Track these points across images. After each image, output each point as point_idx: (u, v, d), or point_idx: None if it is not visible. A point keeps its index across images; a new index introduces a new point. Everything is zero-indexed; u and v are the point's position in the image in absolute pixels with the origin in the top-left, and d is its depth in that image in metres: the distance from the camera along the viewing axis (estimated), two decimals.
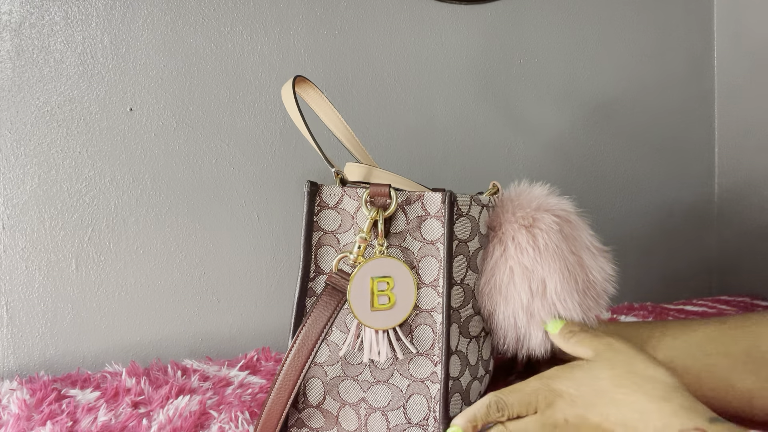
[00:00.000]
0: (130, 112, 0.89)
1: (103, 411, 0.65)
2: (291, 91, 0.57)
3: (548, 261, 0.55)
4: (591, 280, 0.58)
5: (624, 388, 0.47)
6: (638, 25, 1.28)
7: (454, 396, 0.53)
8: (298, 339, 0.50)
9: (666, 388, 0.46)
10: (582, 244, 0.59)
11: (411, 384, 0.52)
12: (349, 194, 0.54)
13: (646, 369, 0.48)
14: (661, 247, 1.33)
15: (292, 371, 0.50)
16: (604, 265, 0.60)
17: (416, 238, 0.53)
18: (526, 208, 0.58)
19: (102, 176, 0.88)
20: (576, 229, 0.60)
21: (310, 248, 0.55)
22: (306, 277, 0.55)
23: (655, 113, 1.31)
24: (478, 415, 0.49)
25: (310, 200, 0.54)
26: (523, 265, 0.55)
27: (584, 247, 0.59)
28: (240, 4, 0.95)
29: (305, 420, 0.54)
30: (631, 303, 1.16)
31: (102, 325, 0.88)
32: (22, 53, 0.83)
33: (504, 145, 1.15)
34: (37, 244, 0.84)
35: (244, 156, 0.95)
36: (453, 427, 0.48)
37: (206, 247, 0.93)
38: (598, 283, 0.58)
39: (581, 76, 1.22)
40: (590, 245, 0.60)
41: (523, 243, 0.56)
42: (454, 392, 0.53)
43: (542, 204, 0.59)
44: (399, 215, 0.53)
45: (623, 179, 1.28)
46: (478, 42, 1.12)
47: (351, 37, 1.02)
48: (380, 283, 0.51)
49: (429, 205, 0.52)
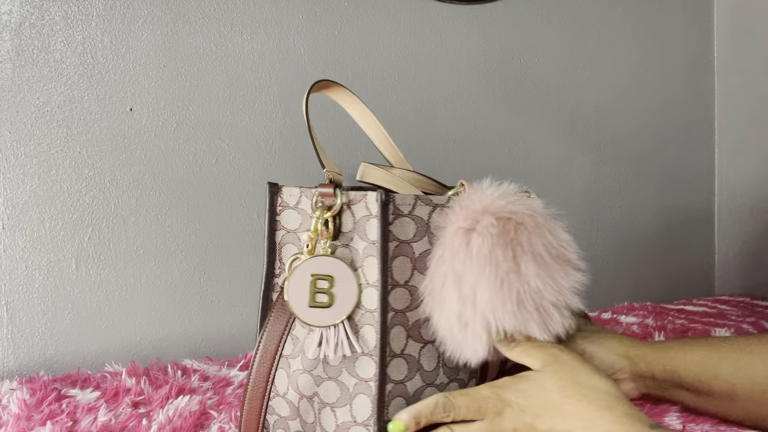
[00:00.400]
0: (130, 112, 0.89)
1: (103, 411, 0.65)
2: (307, 93, 0.58)
3: (478, 267, 0.51)
4: (531, 290, 0.52)
5: (570, 399, 0.49)
6: (638, 25, 1.28)
7: (396, 399, 0.52)
8: (264, 336, 0.52)
9: (609, 398, 0.49)
10: (531, 250, 0.53)
11: (357, 383, 0.52)
12: (306, 195, 0.56)
13: (591, 380, 0.50)
14: (661, 247, 1.33)
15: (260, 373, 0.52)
16: (558, 274, 0.53)
17: (362, 238, 0.53)
18: (470, 209, 0.54)
19: (102, 176, 0.88)
20: (530, 234, 0.53)
21: (273, 246, 0.58)
22: (270, 273, 0.58)
23: (655, 113, 1.31)
24: (424, 412, 0.50)
25: (271, 201, 0.57)
26: (455, 270, 0.52)
27: (533, 253, 0.53)
28: (240, 4, 0.95)
29: (275, 408, 0.57)
30: (631, 303, 1.16)
31: (102, 325, 0.88)
32: (22, 53, 0.83)
33: (504, 145, 1.15)
34: (37, 244, 0.84)
35: (244, 156, 0.95)
36: (395, 420, 0.50)
37: (206, 247, 0.93)
38: (541, 293, 0.52)
39: (581, 76, 1.22)
40: (544, 252, 0.53)
41: (456, 247, 0.52)
42: (395, 396, 0.52)
43: (488, 206, 0.54)
44: (347, 215, 0.54)
45: (623, 179, 1.28)
46: (478, 42, 1.12)
47: (351, 37, 1.02)
48: (320, 281, 0.52)
49: (371, 205, 0.52)
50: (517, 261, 0.52)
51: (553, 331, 0.53)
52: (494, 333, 0.53)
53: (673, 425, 0.62)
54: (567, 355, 0.53)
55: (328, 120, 1.00)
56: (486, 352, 0.53)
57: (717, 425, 0.61)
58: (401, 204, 0.53)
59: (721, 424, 0.62)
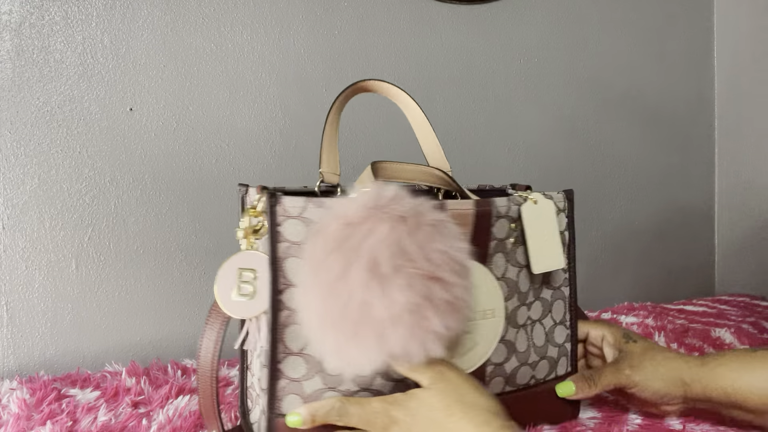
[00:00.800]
0: (130, 112, 0.89)
1: (102, 411, 0.65)
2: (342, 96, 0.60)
3: (304, 276, 0.49)
4: (351, 305, 0.47)
5: (453, 417, 0.50)
6: (638, 26, 1.28)
7: (289, 396, 0.53)
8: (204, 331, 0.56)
9: (488, 414, 0.50)
10: (364, 260, 0.47)
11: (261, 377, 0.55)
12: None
13: (474, 398, 0.51)
14: (661, 247, 1.33)
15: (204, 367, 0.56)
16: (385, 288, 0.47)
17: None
18: (331, 213, 0.51)
19: (102, 176, 0.88)
20: (380, 241, 0.48)
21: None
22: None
23: (655, 113, 1.31)
24: (320, 412, 0.51)
25: (242, 202, 0.60)
26: (299, 278, 0.51)
27: (364, 264, 0.47)
28: (240, 4, 0.95)
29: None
30: (631, 303, 1.16)
31: (102, 325, 0.88)
32: (22, 53, 0.83)
33: (504, 145, 1.15)
34: (37, 244, 0.84)
35: (244, 156, 0.95)
36: (294, 414, 0.51)
37: (206, 247, 0.93)
38: (359, 310, 0.47)
39: (581, 76, 1.22)
40: (376, 263, 0.47)
41: (304, 254, 0.51)
42: (289, 392, 0.53)
43: (337, 211, 0.50)
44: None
45: (623, 179, 1.28)
46: (478, 42, 1.12)
47: (351, 37, 1.02)
48: (246, 273, 0.54)
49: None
50: (345, 272, 0.47)
51: (390, 351, 0.48)
52: None
53: (673, 425, 0.62)
54: (453, 372, 0.52)
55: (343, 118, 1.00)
56: (345, 365, 0.50)
57: (717, 425, 0.62)
58: (290, 206, 0.53)
59: (721, 425, 0.62)
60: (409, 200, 0.50)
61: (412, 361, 0.49)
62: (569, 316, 0.65)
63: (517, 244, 0.60)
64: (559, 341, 0.64)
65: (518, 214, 0.59)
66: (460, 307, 0.49)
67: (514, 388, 0.61)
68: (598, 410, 0.66)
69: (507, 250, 0.59)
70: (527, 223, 0.59)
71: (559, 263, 0.61)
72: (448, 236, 0.50)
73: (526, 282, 0.61)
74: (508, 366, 0.60)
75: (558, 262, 0.61)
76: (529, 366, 0.61)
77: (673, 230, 1.34)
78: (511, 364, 0.60)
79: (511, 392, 0.60)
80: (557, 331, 0.64)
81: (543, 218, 0.60)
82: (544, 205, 0.61)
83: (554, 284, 0.64)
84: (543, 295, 0.63)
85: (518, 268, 0.60)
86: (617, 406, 0.67)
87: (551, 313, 0.63)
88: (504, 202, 0.59)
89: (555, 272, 0.63)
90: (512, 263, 0.60)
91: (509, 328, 0.60)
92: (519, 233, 0.60)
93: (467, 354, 0.58)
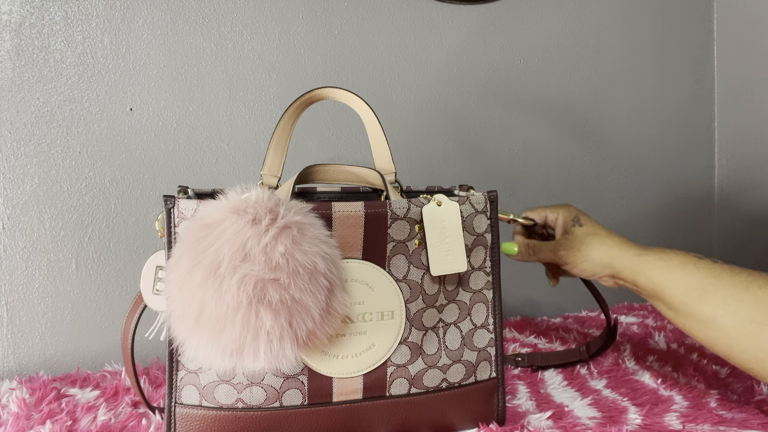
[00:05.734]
0: (130, 112, 0.89)
1: (102, 410, 0.65)
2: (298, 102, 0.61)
3: (165, 274, 0.53)
4: (193, 303, 0.50)
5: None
6: (638, 26, 1.28)
7: (187, 387, 0.56)
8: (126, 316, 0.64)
9: None
10: (207, 260, 0.49)
11: None
12: None
13: None
14: (661, 246, 1.33)
15: None
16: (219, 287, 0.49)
17: None
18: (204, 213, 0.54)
19: (102, 176, 0.88)
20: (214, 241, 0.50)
21: None
22: None
23: (654, 113, 1.31)
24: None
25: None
26: None
27: (207, 264, 0.49)
28: (240, 4, 0.95)
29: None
30: (631, 303, 1.16)
31: (102, 325, 0.88)
32: (22, 53, 0.83)
33: (504, 145, 1.15)
34: (37, 244, 0.84)
35: (244, 156, 0.95)
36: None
37: None
38: (198, 308, 0.49)
39: (581, 75, 1.22)
40: (218, 264, 0.49)
41: None
42: (186, 383, 0.56)
43: (201, 212, 0.53)
44: None
45: (623, 179, 1.28)
46: (478, 42, 1.12)
47: (351, 37, 1.02)
48: (161, 271, 0.59)
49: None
50: (193, 269, 0.49)
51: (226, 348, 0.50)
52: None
53: (673, 425, 0.62)
54: None
55: (329, 120, 1.00)
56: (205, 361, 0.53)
57: (717, 425, 0.61)
58: (184, 208, 0.55)
59: (721, 424, 0.62)
60: (273, 203, 0.51)
61: (257, 358, 0.50)
62: (492, 320, 0.63)
63: (421, 246, 0.59)
64: (479, 345, 0.62)
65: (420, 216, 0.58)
66: (301, 308, 0.50)
67: (422, 390, 0.59)
68: (599, 410, 0.66)
69: (409, 252, 0.58)
70: (428, 225, 0.58)
71: (461, 266, 0.59)
72: (308, 238, 0.51)
73: (433, 284, 0.60)
74: (413, 368, 0.59)
75: (460, 265, 0.59)
76: (438, 369, 0.60)
77: (672, 230, 1.34)
78: (416, 366, 0.59)
79: (419, 394, 0.59)
80: (478, 335, 0.62)
81: (447, 220, 0.59)
82: (448, 207, 0.59)
83: (473, 287, 0.62)
84: (460, 298, 0.61)
85: (423, 270, 0.59)
86: (617, 405, 0.67)
87: (470, 316, 0.62)
88: (403, 204, 0.58)
89: (473, 275, 0.62)
90: (415, 265, 0.59)
91: (413, 329, 0.59)
92: (423, 235, 0.59)
93: (363, 354, 0.57)
